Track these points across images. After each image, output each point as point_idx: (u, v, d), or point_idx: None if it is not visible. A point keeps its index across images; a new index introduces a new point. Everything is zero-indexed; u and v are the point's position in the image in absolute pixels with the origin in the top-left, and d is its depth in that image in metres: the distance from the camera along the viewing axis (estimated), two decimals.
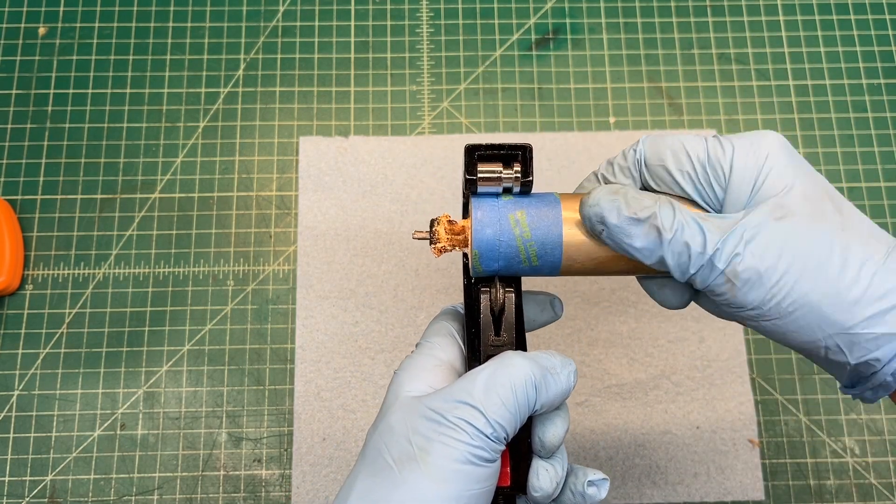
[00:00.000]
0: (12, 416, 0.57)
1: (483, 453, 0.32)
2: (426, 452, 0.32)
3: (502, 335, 0.37)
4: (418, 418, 0.33)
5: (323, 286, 0.59)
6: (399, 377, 0.36)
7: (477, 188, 0.36)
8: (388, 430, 0.33)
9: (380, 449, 0.33)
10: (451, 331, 0.38)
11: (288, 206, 0.61)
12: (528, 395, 0.33)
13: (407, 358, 0.37)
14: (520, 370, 0.33)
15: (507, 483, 0.35)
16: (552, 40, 0.66)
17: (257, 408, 0.57)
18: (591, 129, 0.63)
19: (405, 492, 0.32)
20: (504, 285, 0.37)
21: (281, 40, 0.66)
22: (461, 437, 0.32)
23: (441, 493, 0.31)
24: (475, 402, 0.32)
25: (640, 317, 0.59)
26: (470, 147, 0.35)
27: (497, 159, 0.36)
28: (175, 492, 0.55)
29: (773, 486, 0.56)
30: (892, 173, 0.63)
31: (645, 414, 0.57)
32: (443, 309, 0.41)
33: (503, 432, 0.33)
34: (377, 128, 0.63)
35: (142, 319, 0.59)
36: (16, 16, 0.65)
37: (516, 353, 0.35)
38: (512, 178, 0.36)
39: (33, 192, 0.61)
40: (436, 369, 0.36)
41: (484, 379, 0.33)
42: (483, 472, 0.32)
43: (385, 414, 0.34)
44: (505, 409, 0.32)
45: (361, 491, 0.33)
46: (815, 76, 0.65)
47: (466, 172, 0.36)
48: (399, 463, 0.32)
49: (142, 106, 0.64)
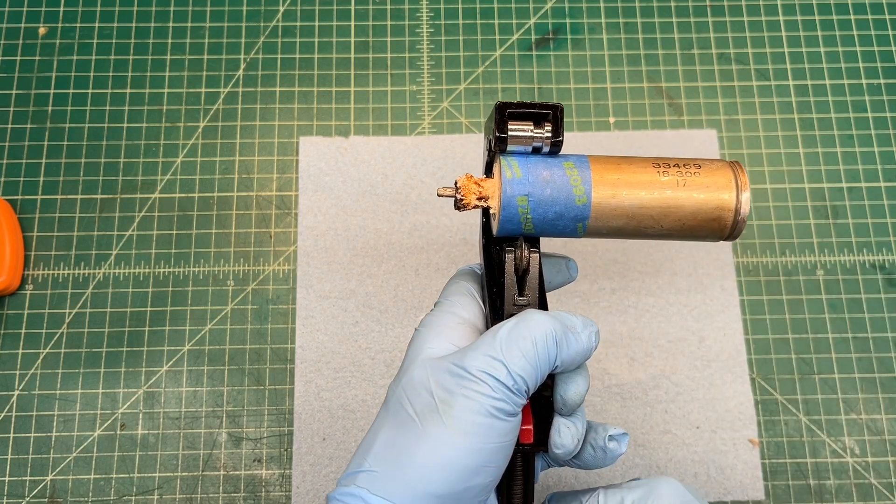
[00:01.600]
0: (12, 416, 0.57)
1: (505, 406, 0.32)
2: (448, 405, 0.32)
3: (526, 294, 0.37)
4: (441, 372, 0.33)
5: (323, 286, 0.59)
6: (421, 334, 0.36)
7: (507, 146, 0.36)
8: (410, 383, 0.34)
9: (402, 402, 0.34)
10: (470, 290, 0.38)
11: (288, 206, 0.61)
12: (549, 349, 0.33)
13: (427, 315, 0.37)
14: (541, 325, 0.34)
15: (529, 440, 0.35)
16: (552, 40, 0.66)
17: (257, 408, 0.57)
18: (591, 129, 0.63)
19: (427, 443, 0.32)
20: (529, 246, 0.37)
21: (281, 40, 0.66)
22: (483, 390, 0.32)
23: (463, 445, 0.32)
24: (497, 353, 0.33)
25: (640, 317, 0.59)
26: (501, 104, 0.35)
27: (528, 118, 0.35)
28: (175, 492, 0.55)
29: (773, 486, 0.56)
30: (891, 173, 0.63)
31: (645, 414, 0.57)
32: (459, 269, 0.41)
33: (524, 385, 0.33)
34: (377, 128, 0.63)
35: (142, 319, 0.59)
36: (16, 16, 0.65)
37: (538, 310, 0.35)
38: (542, 137, 0.35)
39: (33, 192, 0.61)
40: (458, 327, 0.36)
41: (506, 332, 0.33)
42: (504, 426, 0.33)
43: (407, 369, 0.35)
44: (526, 362, 0.33)
45: (384, 442, 0.33)
46: (815, 76, 0.65)
47: (497, 130, 0.35)
48: (421, 415, 0.33)
49: (142, 106, 0.64)
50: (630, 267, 0.60)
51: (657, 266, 0.60)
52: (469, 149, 0.62)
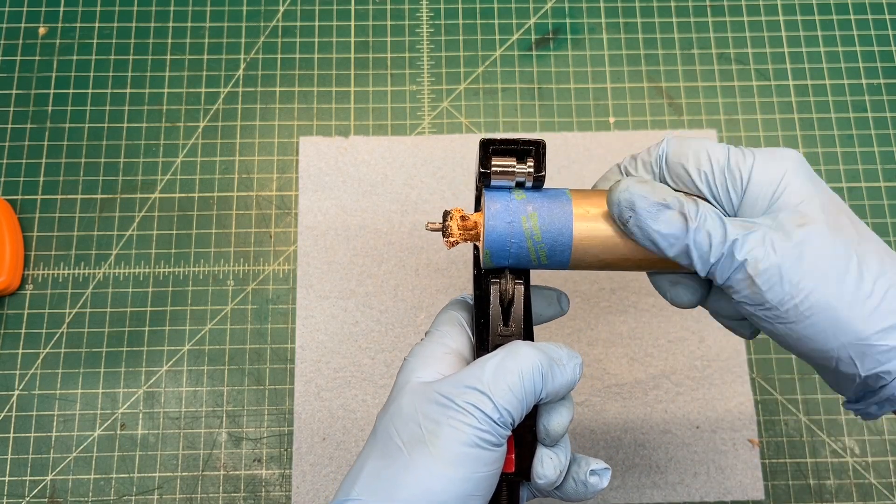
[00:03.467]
0: (12, 415, 0.57)
1: (490, 437, 0.33)
2: (435, 435, 0.33)
3: (511, 326, 0.37)
4: (428, 402, 0.34)
5: (323, 286, 0.59)
6: (409, 363, 0.37)
7: (490, 181, 0.37)
8: (398, 413, 0.34)
9: (389, 432, 0.34)
10: (460, 320, 0.39)
11: (288, 206, 0.61)
12: (535, 382, 0.34)
13: (417, 345, 0.38)
14: (527, 359, 0.34)
15: (511, 469, 0.36)
16: (552, 40, 0.66)
17: (257, 408, 0.57)
18: (590, 129, 0.63)
19: (414, 473, 0.32)
20: (514, 277, 0.38)
21: (281, 40, 0.66)
22: (469, 421, 0.33)
23: (449, 474, 0.32)
24: (484, 387, 0.33)
25: (640, 317, 0.59)
26: (485, 141, 0.36)
27: (511, 153, 0.37)
28: (175, 492, 0.55)
29: (773, 486, 0.56)
30: (892, 173, 0.63)
31: (645, 414, 0.57)
32: (452, 299, 0.41)
33: (510, 418, 0.33)
34: (377, 128, 0.63)
35: (142, 319, 0.59)
36: (16, 16, 0.65)
37: (525, 342, 0.35)
38: (525, 172, 0.36)
39: (33, 192, 0.61)
40: (445, 357, 0.37)
41: (493, 366, 0.34)
42: (490, 456, 0.33)
43: (395, 398, 0.35)
44: (512, 395, 0.33)
45: (371, 471, 0.33)
46: (815, 76, 0.65)
47: (480, 166, 0.36)
48: (408, 445, 0.33)
49: (142, 106, 0.64)
50: None
51: None
52: (469, 149, 0.62)
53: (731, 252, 0.33)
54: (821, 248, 0.33)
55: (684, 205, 0.34)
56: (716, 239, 0.33)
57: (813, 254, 0.33)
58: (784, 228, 0.33)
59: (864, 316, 0.33)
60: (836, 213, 0.34)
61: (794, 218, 0.33)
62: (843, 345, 0.33)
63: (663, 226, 0.34)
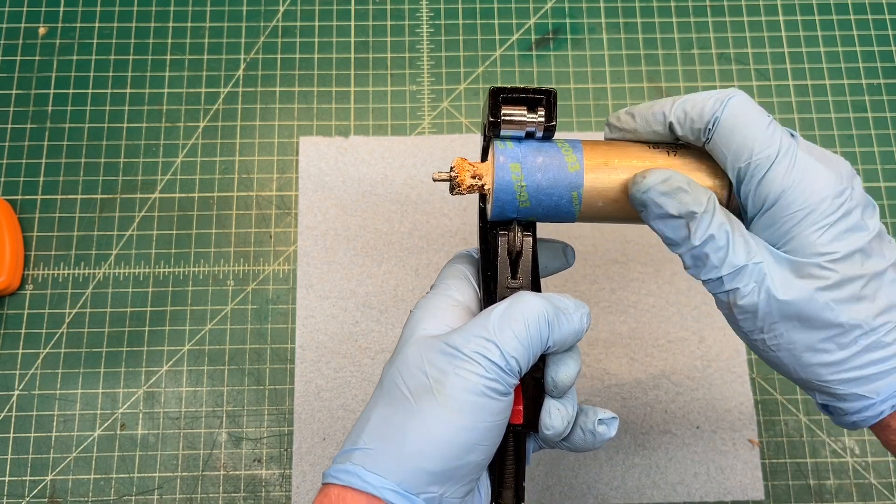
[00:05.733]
0: (12, 416, 0.57)
1: (497, 385, 0.33)
2: (441, 384, 0.33)
3: (518, 278, 0.37)
4: (434, 352, 0.34)
5: (323, 286, 0.59)
6: (415, 316, 0.37)
7: (500, 131, 0.36)
8: (404, 363, 0.34)
9: (396, 381, 0.34)
10: (466, 273, 0.39)
11: (288, 206, 0.61)
12: (541, 330, 0.34)
13: (423, 298, 0.38)
14: (533, 306, 0.34)
15: (519, 420, 0.36)
16: (552, 40, 0.66)
17: (257, 408, 0.57)
18: (590, 129, 0.63)
19: (421, 421, 0.32)
20: (522, 229, 0.37)
21: (281, 40, 0.66)
22: (476, 370, 0.33)
23: (456, 422, 0.32)
24: (490, 335, 0.33)
25: (640, 317, 0.59)
26: (495, 89, 0.36)
27: (521, 102, 0.36)
28: (175, 492, 0.55)
29: (773, 486, 0.56)
30: (892, 173, 0.63)
31: (645, 414, 0.57)
32: (457, 253, 0.41)
33: (517, 365, 0.33)
34: (377, 128, 0.63)
35: (142, 319, 0.59)
36: (16, 16, 0.65)
37: (530, 292, 0.35)
38: (535, 122, 0.36)
39: (33, 192, 0.61)
40: (452, 309, 0.37)
41: (498, 314, 0.34)
42: (496, 405, 0.33)
43: (401, 349, 0.35)
44: (518, 343, 0.33)
45: (378, 420, 0.34)
46: (814, 76, 0.65)
47: (490, 115, 0.36)
48: (415, 394, 0.33)
49: (142, 106, 0.64)
50: (630, 267, 0.60)
51: (657, 266, 0.60)
52: (469, 149, 0.62)
53: (720, 280, 0.34)
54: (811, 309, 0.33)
55: (697, 219, 0.33)
56: (712, 261, 0.34)
57: (799, 312, 0.33)
58: (783, 272, 0.33)
59: (830, 371, 0.34)
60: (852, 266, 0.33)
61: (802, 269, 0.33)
62: (804, 380, 0.35)
63: (668, 231, 0.34)
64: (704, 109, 0.35)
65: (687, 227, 0.34)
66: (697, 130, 0.35)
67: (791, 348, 0.34)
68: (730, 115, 0.34)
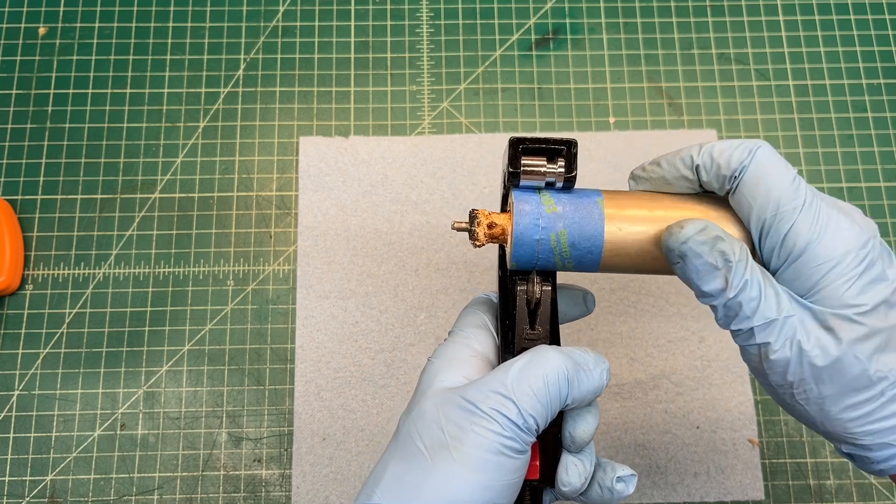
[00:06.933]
0: (12, 416, 0.57)
1: (514, 444, 0.32)
2: (459, 441, 0.32)
3: (537, 328, 0.37)
4: (452, 407, 0.33)
5: (323, 286, 0.59)
6: (433, 365, 0.36)
7: (520, 181, 0.36)
8: (421, 416, 0.34)
9: (412, 435, 0.34)
10: (485, 321, 0.38)
11: (288, 206, 0.61)
12: (561, 388, 0.33)
13: (441, 346, 0.37)
14: (553, 363, 0.34)
15: (536, 476, 0.35)
16: (552, 40, 0.66)
17: (257, 408, 0.57)
18: (590, 129, 0.63)
19: (436, 478, 0.32)
20: (541, 280, 0.37)
21: (281, 40, 0.66)
22: (493, 428, 0.32)
23: (472, 481, 0.32)
24: (508, 392, 0.33)
25: (640, 317, 0.59)
26: (515, 140, 0.35)
27: (541, 153, 0.36)
28: (175, 492, 0.55)
29: (773, 486, 0.56)
30: (892, 173, 0.63)
31: (645, 414, 0.57)
32: (475, 297, 0.41)
33: (534, 424, 0.33)
34: (377, 128, 0.63)
35: (142, 319, 0.59)
36: (16, 16, 0.65)
37: (550, 346, 0.35)
38: (555, 172, 0.36)
39: (33, 192, 0.61)
40: (471, 360, 0.36)
41: (517, 370, 0.33)
42: (513, 463, 0.33)
43: (418, 401, 0.35)
44: (537, 401, 0.33)
45: (393, 475, 0.33)
46: (814, 76, 0.65)
47: (510, 165, 0.35)
48: (431, 450, 0.33)
49: (142, 106, 0.64)
50: None
51: None
52: (469, 149, 0.62)
53: (751, 331, 0.33)
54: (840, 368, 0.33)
55: (733, 269, 0.33)
56: (745, 311, 0.33)
57: (829, 373, 0.33)
58: (814, 327, 0.33)
59: (857, 424, 0.34)
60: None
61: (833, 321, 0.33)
62: (830, 432, 0.35)
63: (704, 283, 0.34)
64: (732, 157, 0.34)
65: (725, 279, 0.33)
66: (723, 178, 0.35)
67: (820, 402, 0.33)
68: (757, 165, 0.34)
